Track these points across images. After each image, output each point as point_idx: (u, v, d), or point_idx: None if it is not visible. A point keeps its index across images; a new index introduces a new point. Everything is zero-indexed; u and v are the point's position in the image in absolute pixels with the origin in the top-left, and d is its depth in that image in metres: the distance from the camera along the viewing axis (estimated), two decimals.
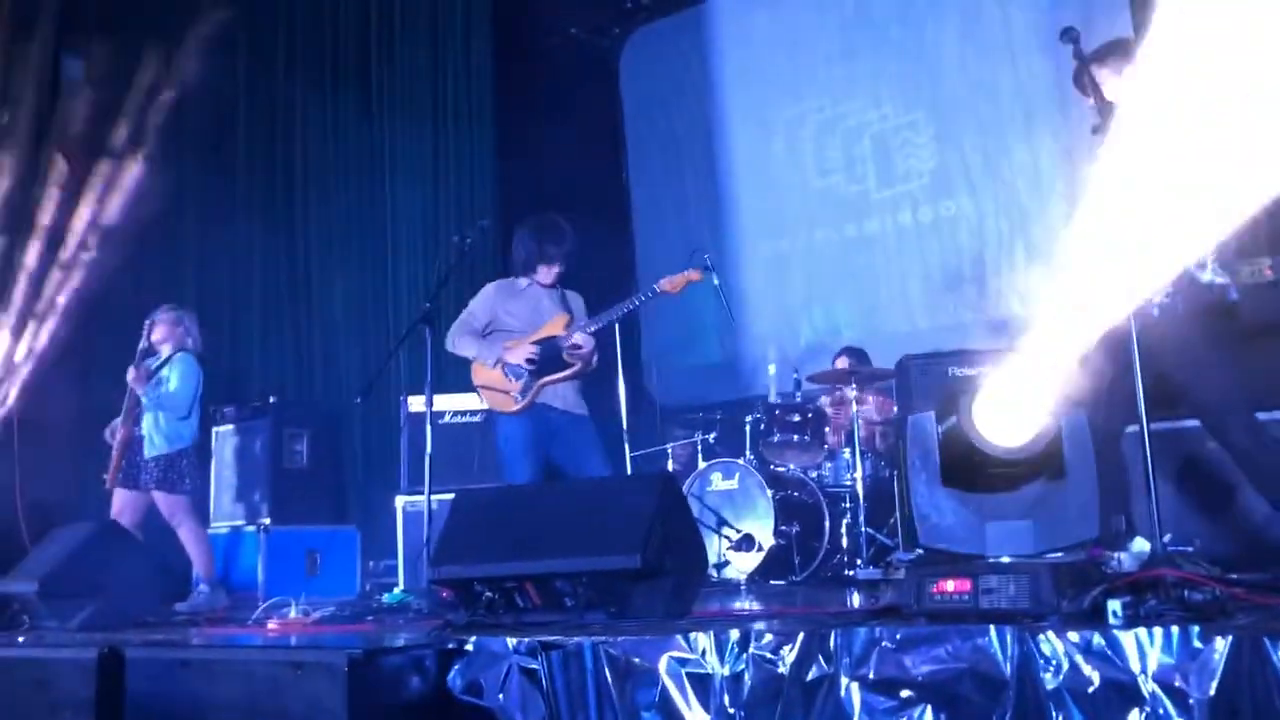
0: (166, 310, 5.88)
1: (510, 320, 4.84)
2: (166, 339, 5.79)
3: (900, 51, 7.19)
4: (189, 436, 5.70)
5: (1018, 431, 2.45)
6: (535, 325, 4.81)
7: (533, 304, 4.86)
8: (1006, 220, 6.70)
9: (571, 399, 4.75)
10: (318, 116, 8.24)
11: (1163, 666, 1.98)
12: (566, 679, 2.57)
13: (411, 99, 7.81)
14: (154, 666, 2.93)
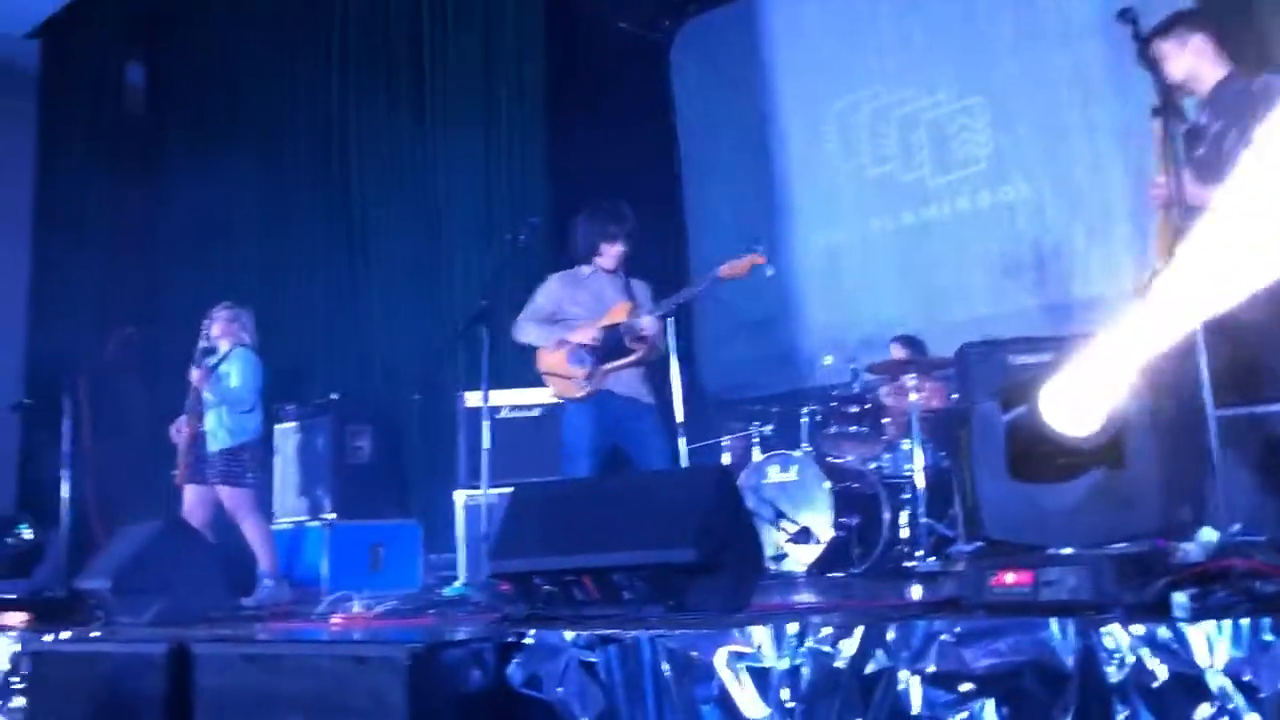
0: (223, 308, 6.00)
1: (574, 309, 4.89)
2: (224, 335, 5.90)
3: (953, 37, 7.09)
4: (252, 430, 5.81)
5: (1086, 421, 2.42)
6: (599, 314, 4.85)
7: (596, 292, 4.91)
8: (1065, 204, 6.59)
9: (636, 386, 4.79)
10: (371, 114, 8.34)
11: (1232, 660, 1.93)
12: (625, 672, 2.57)
13: (463, 95, 7.86)
14: (220, 661, 2.99)
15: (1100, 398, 2.42)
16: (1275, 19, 5.22)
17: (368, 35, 8.49)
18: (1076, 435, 2.38)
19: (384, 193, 8.29)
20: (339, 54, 8.69)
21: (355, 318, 8.37)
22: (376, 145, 8.33)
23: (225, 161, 9.04)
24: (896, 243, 7.33)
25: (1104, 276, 6.33)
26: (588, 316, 4.86)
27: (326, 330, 8.49)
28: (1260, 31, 5.30)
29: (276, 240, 8.82)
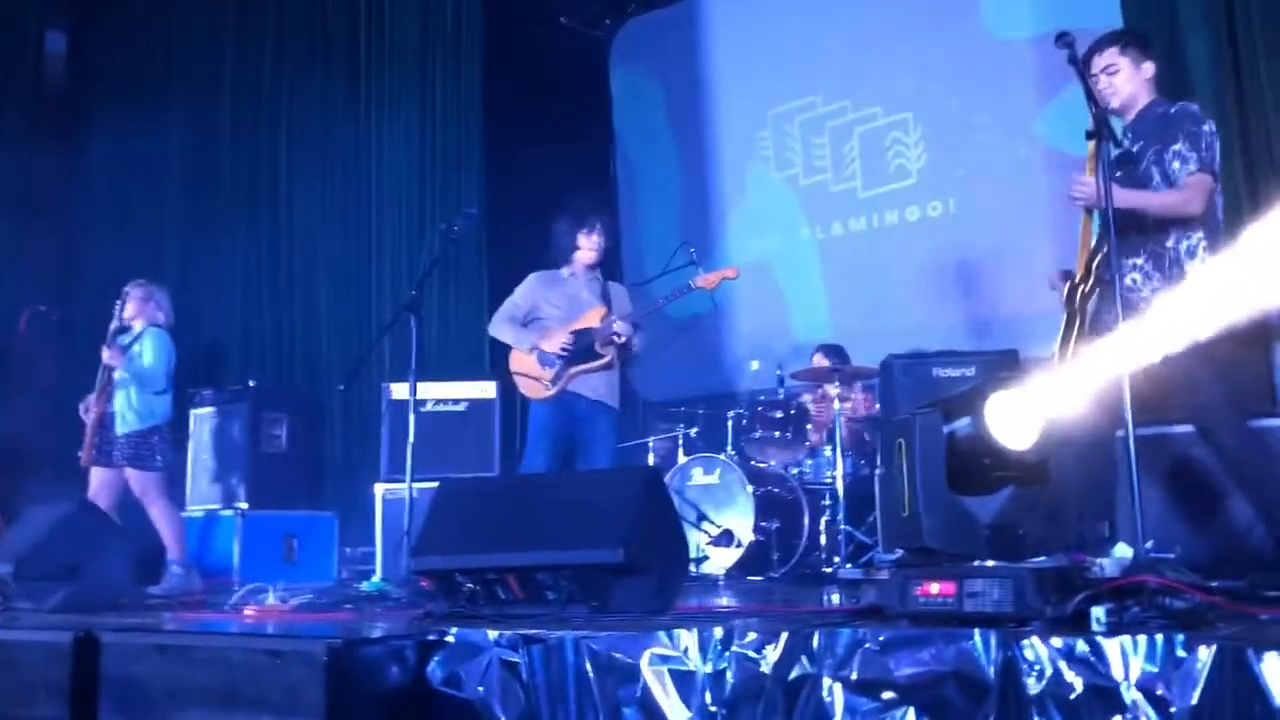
0: (137, 285, 5.82)
1: (550, 310, 5.02)
2: (138, 314, 5.74)
3: (890, 52, 7.19)
4: (162, 413, 5.65)
5: (1024, 436, 2.48)
6: (573, 316, 4.98)
7: (572, 295, 5.05)
8: (991, 221, 6.71)
9: (603, 389, 4.95)
10: (305, 99, 8.19)
11: (1145, 674, 1.98)
12: (547, 673, 2.56)
13: (399, 85, 7.76)
14: (130, 651, 2.91)
15: (1039, 414, 2.48)
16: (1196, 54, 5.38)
17: (304, 18, 8.34)
18: (1015, 450, 2.43)
19: (314, 177, 8.14)
20: (273, 34, 8.52)
21: (277, 302, 8.22)
22: (308, 128, 8.18)
23: (148, 136, 8.79)
24: (825, 252, 7.41)
25: (1026, 293, 6.47)
26: (562, 318, 4.99)
27: (246, 314, 8.32)
28: (1181, 63, 5.46)
29: (198, 220, 8.61)
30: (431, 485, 3.88)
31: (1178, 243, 3.39)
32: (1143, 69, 3.55)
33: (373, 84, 7.89)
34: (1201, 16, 5.38)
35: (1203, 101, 5.13)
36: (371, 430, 6.74)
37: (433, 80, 7.63)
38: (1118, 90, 3.53)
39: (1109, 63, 3.54)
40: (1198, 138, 3.37)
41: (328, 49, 8.18)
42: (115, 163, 8.84)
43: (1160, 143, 3.43)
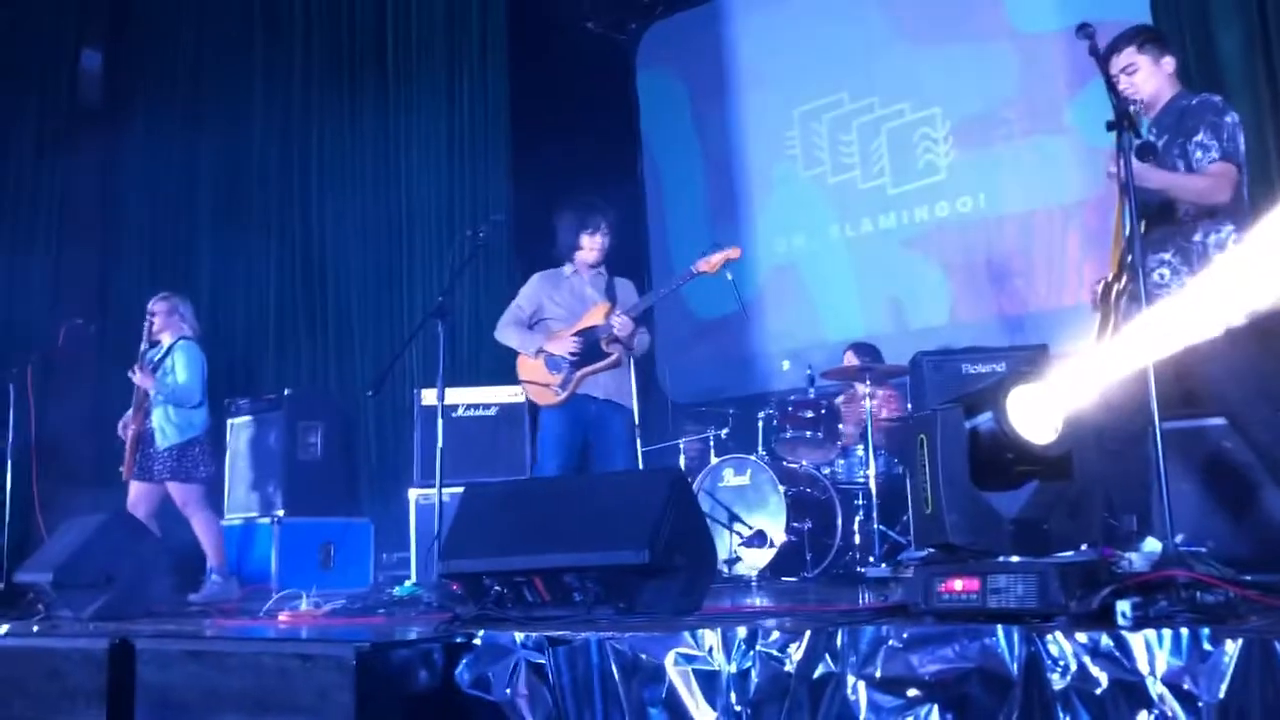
0: (161, 300, 5.90)
1: (554, 309, 4.91)
2: (164, 328, 5.82)
3: (917, 47, 7.15)
4: (200, 425, 5.73)
5: (1047, 430, 2.46)
6: (578, 314, 4.87)
7: (577, 293, 4.93)
8: (1021, 217, 6.66)
9: (613, 388, 4.81)
10: (333, 108, 8.26)
11: (1172, 668, 1.96)
12: (573, 674, 2.57)
13: (426, 92, 7.82)
14: (164, 657, 2.95)
15: (1061, 409, 2.46)
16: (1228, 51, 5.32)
17: (332, 29, 8.42)
18: (1038, 444, 2.41)
19: (344, 187, 8.21)
20: (302, 47, 8.60)
21: (310, 311, 8.30)
22: (338, 138, 8.26)
23: (181, 150, 8.93)
24: (855, 250, 7.38)
25: (1056, 289, 6.42)
26: (567, 317, 4.87)
27: (280, 324, 8.41)
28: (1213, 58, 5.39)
29: (231, 231, 8.70)
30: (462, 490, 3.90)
31: (1205, 236, 3.35)
32: (1163, 64, 3.51)
33: (400, 93, 7.95)
34: (1234, 11, 5.31)
35: (1236, 97, 5.09)
36: (405, 436, 6.79)
37: (460, 87, 7.68)
38: (1139, 89, 3.49)
39: (1128, 62, 3.50)
40: (1219, 128, 3.33)
41: (355, 59, 8.25)
42: (149, 177, 8.97)
43: (1183, 135, 3.40)
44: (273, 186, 8.58)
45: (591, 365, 4.75)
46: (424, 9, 7.93)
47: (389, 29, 8.10)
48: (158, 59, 9.40)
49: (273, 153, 8.62)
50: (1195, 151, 3.35)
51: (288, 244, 8.43)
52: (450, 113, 7.70)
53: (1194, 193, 3.32)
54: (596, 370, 4.76)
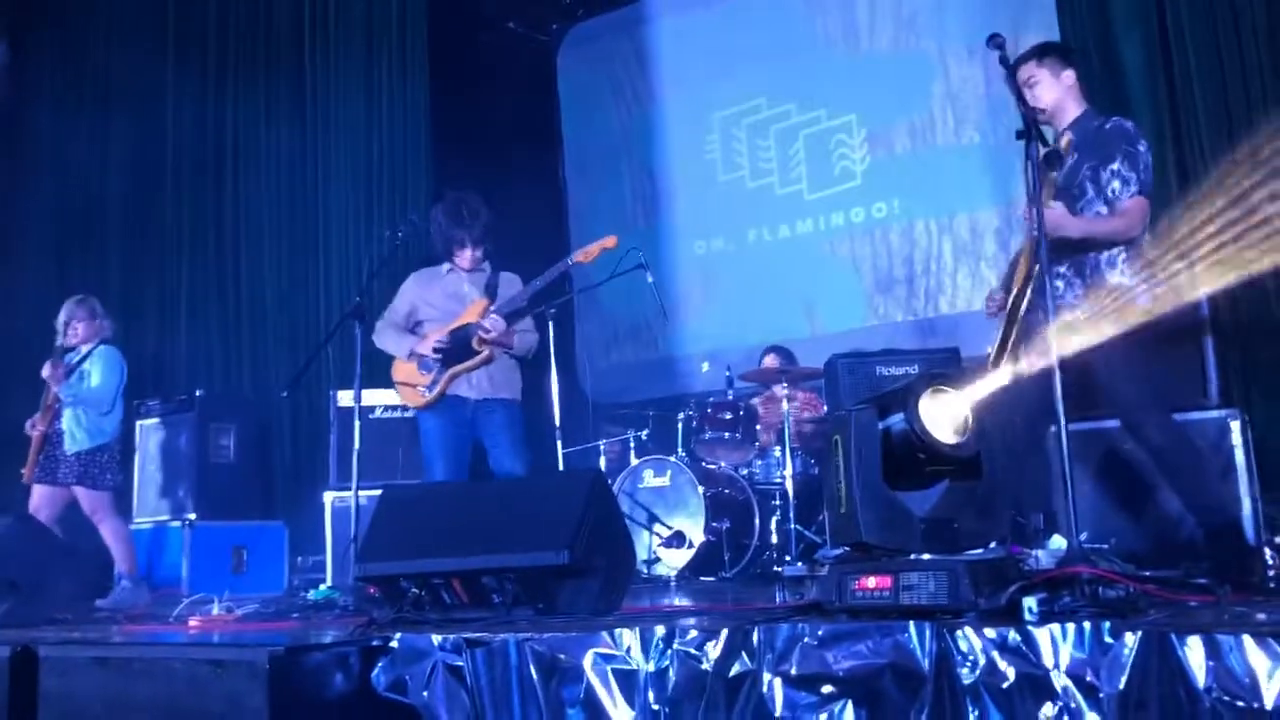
0: (81, 304, 5.71)
1: (429, 310, 4.73)
2: (86, 335, 5.65)
3: (834, 54, 7.27)
4: (111, 431, 5.58)
5: (956, 432, 2.52)
6: (454, 313, 4.69)
7: (453, 291, 4.74)
8: (935, 222, 6.81)
9: (486, 386, 4.62)
10: (249, 105, 8.10)
11: (1075, 661, 2.03)
12: (491, 676, 2.57)
13: (345, 90, 7.71)
14: (68, 665, 2.87)
15: (969, 411, 2.53)
16: (1131, 63, 5.50)
17: (248, 23, 8.26)
18: (947, 445, 2.47)
19: (259, 185, 8.06)
20: (216, 43, 8.42)
21: (223, 311, 8.13)
22: (253, 135, 8.10)
23: (91, 146, 8.68)
24: (773, 254, 7.47)
25: (970, 293, 6.57)
26: (441, 316, 4.68)
27: (192, 323, 8.22)
28: (1117, 70, 5.57)
29: (142, 228, 8.50)
30: (379, 492, 3.86)
31: (1099, 252, 3.48)
32: (1063, 77, 3.62)
33: (318, 89, 7.83)
34: (1135, 27, 5.50)
35: (1138, 111, 5.27)
36: (320, 438, 6.69)
37: (379, 85, 7.59)
38: (1041, 100, 3.60)
39: (1028, 75, 3.61)
40: (1135, 158, 3.44)
41: (271, 54, 8.11)
42: (57, 173, 8.71)
43: (1096, 158, 3.49)
44: (185, 183, 8.39)
45: (460, 364, 4.57)
46: (343, 5, 7.82)
47: (306, 25, 7.97)
48: (67, 54, 9.13)
49: (186, 148, 8.42)
50: (1112, 181, 3.44)
51: (200, 242, 8.25)
52: (369, 112, 7.60)
53: (1113, 234, 3.42)
54: (464, 370, 4.57)
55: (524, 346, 4.73)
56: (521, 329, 4.72)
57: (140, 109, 8.58)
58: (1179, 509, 3.53)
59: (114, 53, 8.92)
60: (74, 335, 5.62)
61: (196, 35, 8.49)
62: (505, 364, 4.69)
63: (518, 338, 4.67)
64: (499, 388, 4.65)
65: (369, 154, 7.57)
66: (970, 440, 2.52)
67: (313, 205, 7.78)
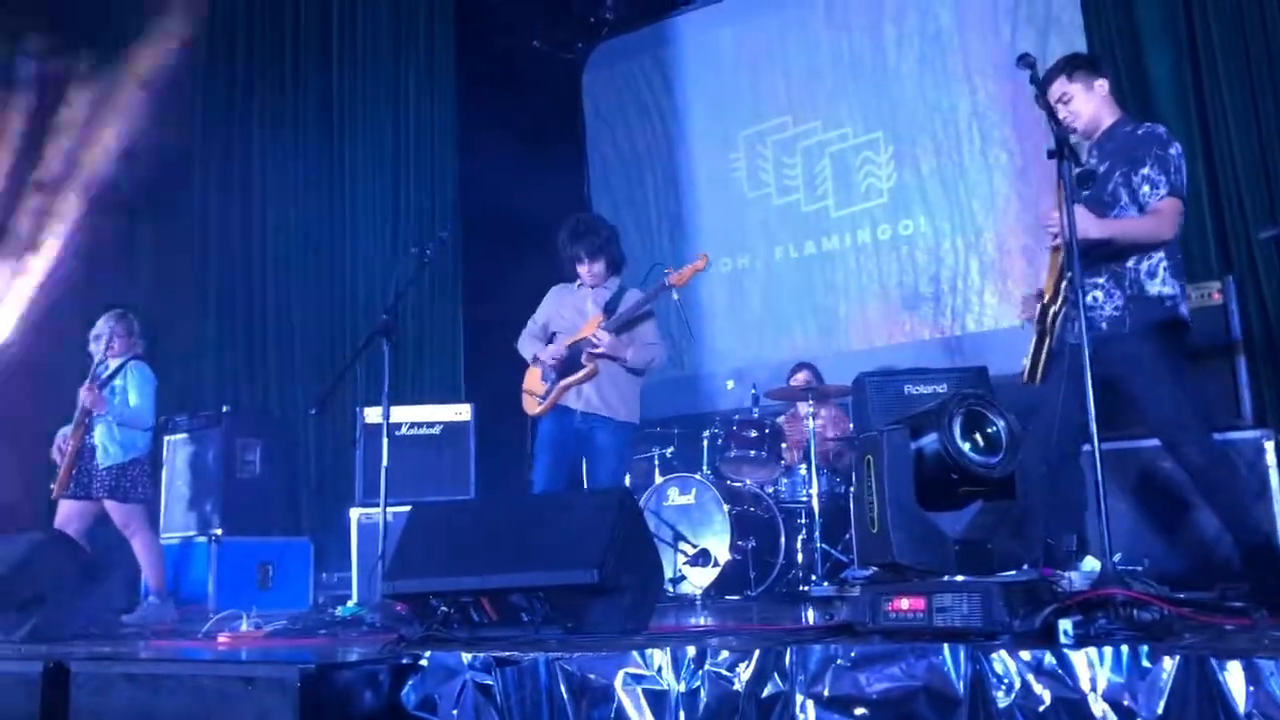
0: (121, 319, 5.75)
1: (560, 322, 4.96)
2: (120, 351, 5.69)
3: (860, 72, 7.27)
4: (143, 445, 5.62)
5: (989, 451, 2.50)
6: (577, 327, 4.89)
7: (579, 306, 4.95)
8: (962, 239, 6.78)
9: (594, 401, 4.78)
10: (277, 124, 8.17)
11: (1112, 685, 2.00)
12: (521, 695, 2.55)
13: (373, 109, 7.78)
14: (100, 680, 2.88)
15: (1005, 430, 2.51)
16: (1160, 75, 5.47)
17: (275, 42, 8.34)
18: (981, 465, 2.46)
19: (287, 202, 8.12)
20: (244, 61, 8.50)
21: (250, 328, 8.18)
22: (282, 150, 8.16)
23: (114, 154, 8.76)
24: (799, 271, 7.46)
25: (997, 311, 6.54)
26: (567, 329, 4.90)
27: (219, 340, 8.27)
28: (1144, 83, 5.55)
29: (170, 244, 8.57)
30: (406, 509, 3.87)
31: (1138, 263, 3.43)
32: (1096, 88, 3.59)
33: (346, 107, 7.90)
34: (1163, 39, 5.48)
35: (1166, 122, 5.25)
36: (346, 455, 6.72)
37: (406, 103, 7.65)
38: (1078, 115, 3.57)
39: (1061, 92, 3.57)
40: (1166, 161, 3.41)
41: (299, 72, 8.18)
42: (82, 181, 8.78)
43: (1128, 164, 3.47)
44: (213, 200, 8.46)
45: (570, 377, 4.77)
46: (370, 22, 7.89)
47: (334, 42, 8.04)
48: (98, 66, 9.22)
49: (213, 166, 8.50)
50: (1143, 185, 3.41)
51: (228, 260, 8.31)
52: (396, 129, 7.66)
53: (1142, 234, 3.39)
54: (573, 382, 4.77)
55: (641, 359, 4.85)
56: (644, 342, 4.87)
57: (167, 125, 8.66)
58: (1214, 530, 3.49)
59: None
60: (111, 350, 5.66)
61: (225, 54, 8.58)
62: (621, 383, 4.83)
63: (631, 350, 4.80)
64: (606, 405, 4.79)
65: (396, 171, 7.62)
66: (1004, 461, 2.50)
67: (340, 223, 7.84)
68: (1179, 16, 5.44)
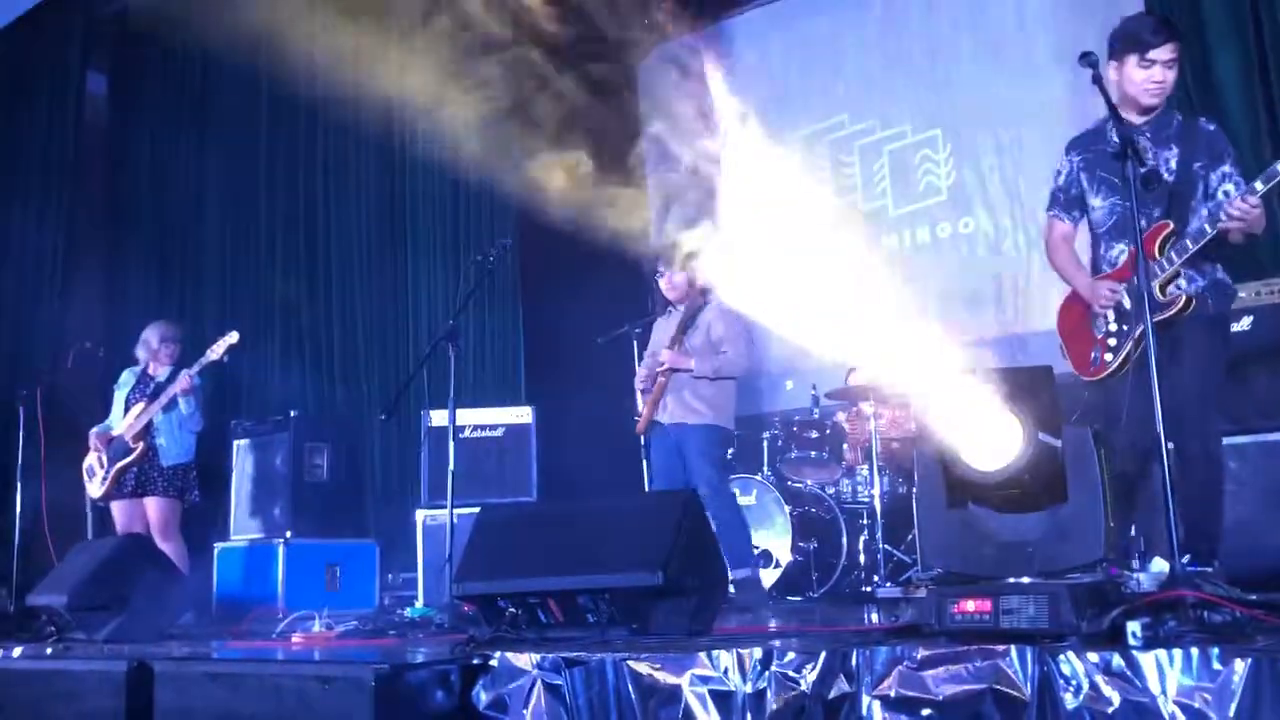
0: (173, 327, 6.00)
1: (654, 346, 5.28)
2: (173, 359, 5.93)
3: (917, 69, 7.22)
4: (194, 449, 5.85)
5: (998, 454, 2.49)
6: (662, 344, 5.20)
7: (666, 326, 5.26)
8: (1024, 236, 6.71)
9: (677, 411, 5.02)
10: (340, 130, 8.31)
11: (1183, 688, 1.99)
12: (589, 695, 2.60)
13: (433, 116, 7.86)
14: (182, 680, 2.98)
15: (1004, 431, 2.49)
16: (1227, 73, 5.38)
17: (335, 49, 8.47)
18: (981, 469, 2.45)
19: (350, 210, 8.27)
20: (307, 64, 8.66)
21: (315, 333, 8.34)
22: (344, 161, 8.31)
23: (187, 175, 8.98)
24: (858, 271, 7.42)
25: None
26: (655, 349, 5.25)
27: (285, 345, 8.45)
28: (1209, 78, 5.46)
29: (237, 253, 8.77)
30: (471, 511, 3.94)
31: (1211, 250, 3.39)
32: (1127, 62, 3.47)
33: (406, 115, 8.01)
34: (1230, 33, 5.38)
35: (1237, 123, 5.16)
36: (410, 457, 6.82)
37: None
38: (1168, 87, 3.43)
39: (1173, 56, 3.41)
40: (1238, 162, 3.38)
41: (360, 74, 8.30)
42: (155, 199, 9.02)
43: (1210, 158, 3.41)
44: (279, 208, 8.64)
45: (650, 397, 5.06)
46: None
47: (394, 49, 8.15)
48: (163, 83, 9.47)
49: (279, 177, 8.67)
50: (1225, 183, 3.34)
51: (294, 266, 8.48)
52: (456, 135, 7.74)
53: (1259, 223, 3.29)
54: (653, 399, 5.04)
55: (709, 367, 5.04)
56: (722, 350, 5.08)
57: (233, 136, 8.86)
58: None
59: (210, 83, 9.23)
60: (167, 357, 5.87)
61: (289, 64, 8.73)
62: (702, 389, 5.04)
63: (697, 360, 5.01)
64: (690, 412, 5.02)
65: (456, 181, 7.71)
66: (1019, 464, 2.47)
67: (402, 231, 7.95)
68: (1245, 11, 5.34)
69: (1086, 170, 3.63)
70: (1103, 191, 3.57)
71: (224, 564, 6.64)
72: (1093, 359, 3.47)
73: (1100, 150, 3.58)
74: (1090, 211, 3.65)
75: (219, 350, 5.77)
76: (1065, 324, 3.66)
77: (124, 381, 6.02)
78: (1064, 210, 3.71)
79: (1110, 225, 3.56)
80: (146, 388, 5.85)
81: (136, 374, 5.98)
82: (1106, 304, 3.46)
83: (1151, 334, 2.75)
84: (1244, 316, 4.09)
